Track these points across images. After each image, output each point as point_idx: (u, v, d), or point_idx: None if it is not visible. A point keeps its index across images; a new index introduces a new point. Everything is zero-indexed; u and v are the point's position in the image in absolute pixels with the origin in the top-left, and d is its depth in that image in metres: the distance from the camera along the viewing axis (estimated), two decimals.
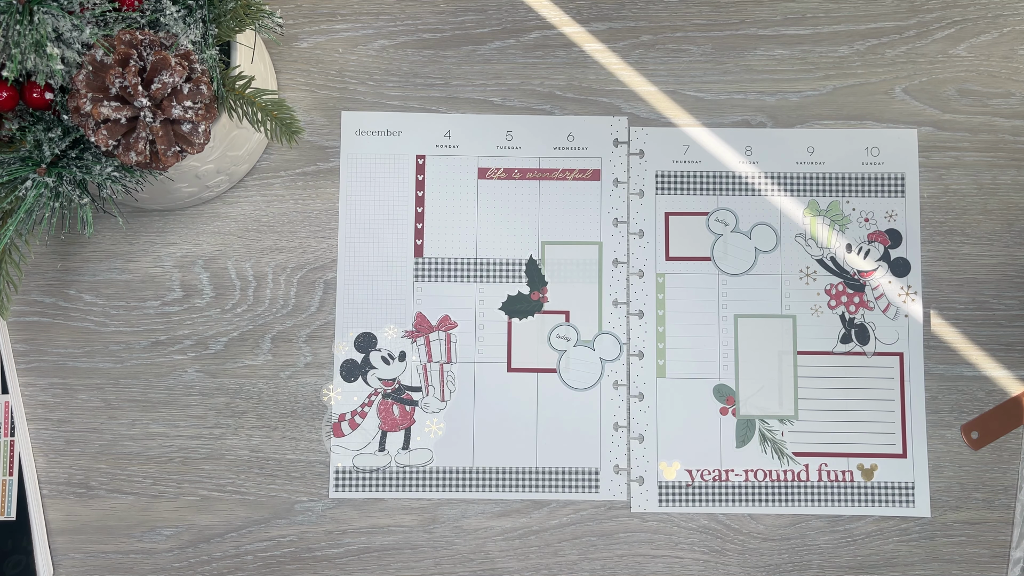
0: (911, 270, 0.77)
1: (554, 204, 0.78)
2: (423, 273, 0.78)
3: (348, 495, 0.75)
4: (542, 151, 0.79)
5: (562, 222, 0.78)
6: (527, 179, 0.79)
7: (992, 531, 0.75)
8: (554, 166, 0.79)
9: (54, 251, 0.78)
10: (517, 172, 0.79)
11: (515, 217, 0.78)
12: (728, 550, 0.75)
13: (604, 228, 0.78)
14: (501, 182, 0.79)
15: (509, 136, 0.79)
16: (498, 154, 0.79)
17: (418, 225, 0.78)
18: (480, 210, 0.78)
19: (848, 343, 0.77)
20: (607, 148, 0.79)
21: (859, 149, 0.78)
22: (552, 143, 0.79)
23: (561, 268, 0.78)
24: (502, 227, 0.78)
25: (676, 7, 0.80)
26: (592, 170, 0.79)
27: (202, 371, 0.77)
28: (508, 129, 0.79)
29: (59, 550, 0.76)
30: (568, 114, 0.79)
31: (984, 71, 0.79)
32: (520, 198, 0.79)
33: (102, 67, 0.57)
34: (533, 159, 0.79)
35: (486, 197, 0.78)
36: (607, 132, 0.79)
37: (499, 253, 0.78)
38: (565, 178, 0.78)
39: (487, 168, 0.79)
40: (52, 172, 0.59)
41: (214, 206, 0.78)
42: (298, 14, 0.80)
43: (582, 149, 0.79)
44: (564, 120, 0.79)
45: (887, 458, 0.76)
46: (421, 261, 0.78)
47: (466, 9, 0.80)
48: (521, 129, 0.79)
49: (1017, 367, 0.77)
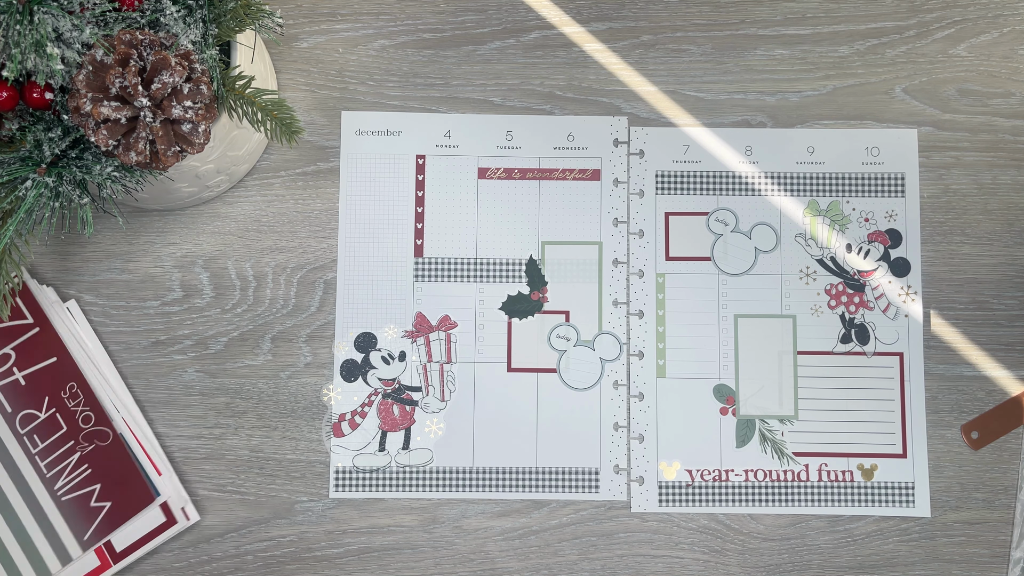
0: (911, 270, 0.77)
1: (554, 204, 0.78)
2: (423, 273, 0.78)
3: (348, 495, 0.75)
4: (542, 151, 0.79)
5: (562, 222, 0.78)
6: (527, 179, 0.79)
7: (992, 531, 0.75)
8: (554, 166, 0.79)
9: (54, 251, 0.78)
10: (517, 172, 0.79)
11: (515, 217, 0.78)
12: (728, 550, 0.75)
13: (604, 228, 0.78)
14: (501, 182, 0.79)
15: (509, 136, 0.79)
16: (498, 154, 0.79)
17: (418, 225, 0.78)
18: (480, 210, 0.78)
19: (848, 343, 0.77)
20: (607, 148, 0.79)
21: (859, 149, 0.78)
22: (552, 143, 0.79)
23: (561, 268, 0.78)
24: (502, 227, 0.78)
25: (676, 7, 0.80)
26: (592, 170, 0.79)
27: (202, 371, 0.77)
28: (508, 129, 0.79)
29: None
30: (568, 114, 0.79)
31: (984, 71, 0.79)
32: (520, 198, 0.78)
33: (102, 67, 0.57)
34: (533, 159, 0.79)
35: (486, 197, 0.78)
36: (607, 132, 0.79)
37: (499, 253, 0.78)
38: (565, 178, 0.78)
39: (487, 168, 0.79)
40: (52, 172, 0.59)
41: (214, 206, 0.78)
42: (298, 14, 0.80)
43: (582, 149, 0.79)
44: (564, 120, 0.79)
45: (887, 458, 0.76)
46: (421, 261, 0.78)
47: (466, 9, 0.80)
48: (521, 129, 0.79)
49: (1017, 367, 0.77)
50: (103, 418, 0.74)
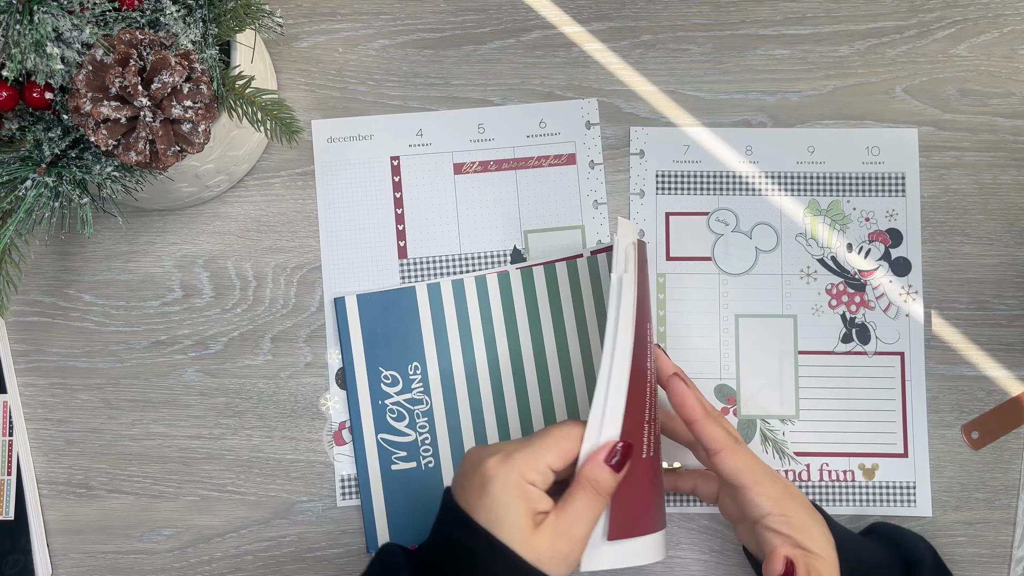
0: (912, 269, 0.77)
1: (533, 192, 0.78)
2: (409, 275, 0.77)
3: (356, 503, 0.75)
4: (515, 140, 0.79)
5: (542, 209, 0.78)
6: (503, 170, 0.78)
7: (993, 531, 0.75)
8: (529, 154, 0.78)
9: (54, 251, 0.78)
10: (492, 164, 0.78)
11: (495, 209, 0.78)
12: (728, 550, 0.75)
13: (585, 211, 0.78)
14: (477, 175, 0.78)
15: (481, 129, 0.79)
16: (472, 148, 0.79)
17: (399, 227, 0.78)
18: (460, 205, 0.78)
19: (849, 343, 0.77)
20: (580, 131, 0.78)
21: (859, 148, 0.78)
22: (525, 131, 0.79)
23: (545, 255, 0.77)
24: (483, 220, 0.78)
25: (676, 7, 0.80)
26: (567, 154, 0.78)
27: (202, 371, 0.77)
28: (479, 122, 0.79)
29: (59, 550, 0.76)
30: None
31: (985, 71, 0.79)
32: (498, 190, 0.78)
33: (102, 67, 0.57)
34: (508, 149, 0.78)
35: (464, 192, 0.78)
36: (578, 115, 0.78)
37: (483, 247, 0.78)
38: (541, 165, 0.78)
39: (462, 163, 0.78)
40: (52, 172, 0.59)
41: (214, 206, 0.78)
42: (298, 14, 0.80)
43: (555, 135, 0.78)
44: (534, 108, 0.79)
45: (888, 458, 0.75)
46: (406, 262, 0.77)
47: (466, 9, 0.80)
48: (493, 121, 0.79)
49: (1017, 367, 0.77)
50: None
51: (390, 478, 0.74)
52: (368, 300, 0.76)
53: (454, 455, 0.75)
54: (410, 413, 0.75)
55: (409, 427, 0.75)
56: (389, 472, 0.74)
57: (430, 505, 0.73)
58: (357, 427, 0.75)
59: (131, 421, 0.76)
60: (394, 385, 0.75)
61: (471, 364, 0.75)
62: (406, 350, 0.75)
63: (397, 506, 0.74)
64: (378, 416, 0.75)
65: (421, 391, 0.75)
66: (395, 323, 0.76)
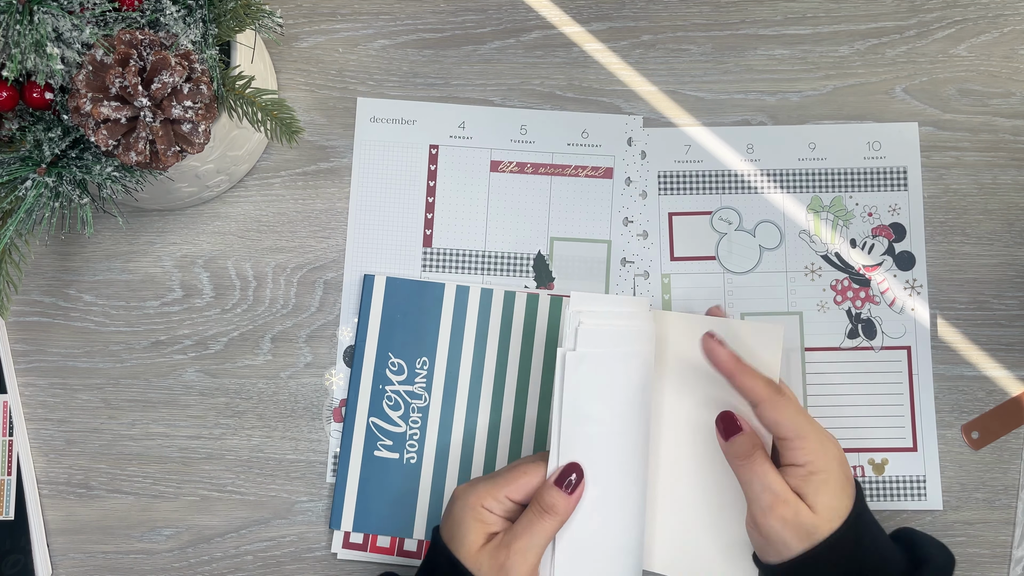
0: (916, 263, 0.77)
1: (565, 200, 0.78)
2: (431, 264, 0.77)
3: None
4: (556, 146, 0.79)
5: (572, 219, 0.78)
6: (539, 174, 0.78)
7: (993, 531, 0.75)
8: (567, 162, 0.78)
9: (54, 251, 0.78)
10: (530, 167, 0.78)
11: (526, 211, 0.78)
12: None
13: (614, 227, 0.78)
14: (513, 175, 0.78)
15: (523, 130, 0.79)
16: (511, 147, 0.79)
17: (428, 215, 0.78)
18: (491, 203, 0.78)
19: (855, 338, 0.77)
20: (621, 147, 0.78)
21: (860, 144, 0.78)
22: (566, 139, 0.79)
23: (569, 265, 0.77)
24: (512, 221, 0.78)
25: (676, 7, 0.80)
26: (605, 168, 0.78)
27: (202, 371, 0.77)
28: (523, 123, 0.79)
29: (59, 550, 0.76)
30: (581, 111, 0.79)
31: (984, 71, 0.79)
32: (531, 192, 0.78)
33: (102, 67, 0.57)
34: (547, 154, 0.79)
35: (497, 190, 0.78)
36: (621, 130, 0.78)
37: (508, 247, 0.78)
38: (578, 175, 0.78)
39: (500, 161, 0.79)
40: (52, 172, 0.59)
41: (214, 206, 0.78)
42: (298, 14, 0.80)
43: (596, 146, 0.79)
44: (580, 116, 0.79)
45: (898, 452, 0.75)
46: (430, 251, 0.78)
47: (466, 9, 0.80)
48: (536, 123, 0.79)
49: (1017, 367, 0.77)
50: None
51: (370, 463, 0.74)
52: (396, 285, 0.76)
53: (438, 457, 0.75)
54: (407, 405, 0.75)
55: (402, 418, 0.75)
56: (371, 457, 0.74)
57: (400, 499, 0.74)
58: (352, 405, 0.75)
59: (131, 421, 0.76)
60: (399, 374, 0.75)
61: (478, 374, 0.75)
62: (419, 343, 0.75)
63: (368, 492, 0.74)
64: (375, 399, 0.75)
65: (423, 387, 0.75)
66: (416, 314, 0.76)
